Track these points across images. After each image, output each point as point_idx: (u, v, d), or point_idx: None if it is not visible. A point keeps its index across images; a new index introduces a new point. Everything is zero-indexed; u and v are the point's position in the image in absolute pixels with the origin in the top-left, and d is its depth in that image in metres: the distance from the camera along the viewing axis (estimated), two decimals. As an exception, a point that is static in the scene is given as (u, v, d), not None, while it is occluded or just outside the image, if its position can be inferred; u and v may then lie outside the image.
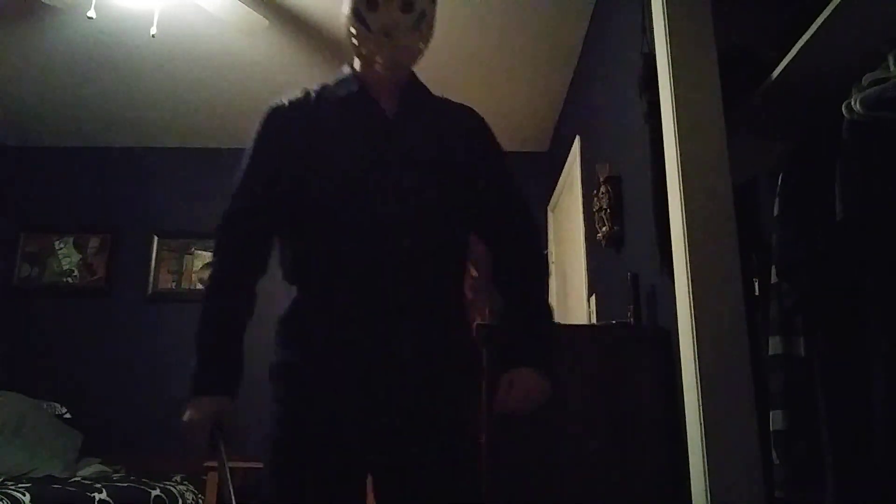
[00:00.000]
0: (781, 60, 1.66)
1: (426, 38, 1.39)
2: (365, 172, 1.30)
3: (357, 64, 1.41)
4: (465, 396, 1.35)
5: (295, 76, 3.64)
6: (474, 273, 1.71)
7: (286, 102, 1.41)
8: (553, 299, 3.96)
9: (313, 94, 1.41)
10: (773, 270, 1.56)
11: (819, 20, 1.51)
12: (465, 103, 1.54)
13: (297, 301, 1.33)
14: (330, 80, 1.44)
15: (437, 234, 1.33)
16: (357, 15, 1.32)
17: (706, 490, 1.56)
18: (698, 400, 1.61)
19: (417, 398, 1.25)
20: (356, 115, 1.37)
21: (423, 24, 1.35)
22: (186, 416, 1.24)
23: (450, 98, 1.53)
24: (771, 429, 1.52)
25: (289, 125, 1.38)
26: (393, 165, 1.32)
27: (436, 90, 1.51)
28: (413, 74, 1.46)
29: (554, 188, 3.96)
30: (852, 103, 1.39)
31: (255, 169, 1.39)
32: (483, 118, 1.51)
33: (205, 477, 3.32)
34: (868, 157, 1.36)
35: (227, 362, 1.30)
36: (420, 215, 1.31)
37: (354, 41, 1.36)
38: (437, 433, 1.26)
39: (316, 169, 1.32)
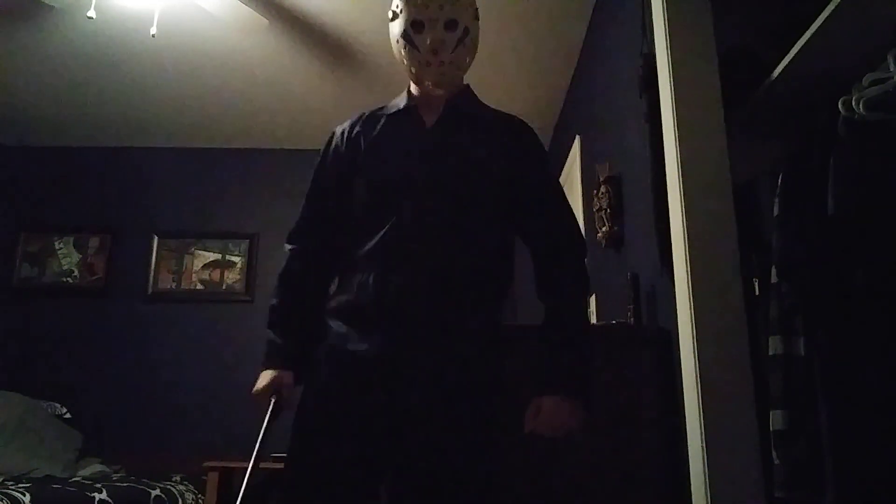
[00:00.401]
0: (781, 60, 1.66)
1: (472, 52, 1.51)
2: (398, 178, 1.42)
3: (412, 85, 1.54)
4: (483, 412, 1.36)
5: (295, 76, 3.64)
6: None
7: (341, 127, 1.59)
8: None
9: (366, 113, 1.57)
10: (773, 270, 1.56)
11: (819, 20, 1.51)
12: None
13: (332, 300, 1.45)
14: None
15: (467, 237, 1.40)
16: (406, 37, 1.43)
17: (706, 490, 1.56)
18: (698, 400, 1.61)
19: (438, 406, 1.30)
20: (398, 126, 1.50)
21: (467, 40, 1.46)
22: (255, 386, 1.40)
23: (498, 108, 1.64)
24: (771, 429, 1.52)
25: (340, 144, 1.54)
26: (424, 170, 1.42)
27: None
28: (465, 87, 1.60)
29: (554, 188, 3.95)
30: (853, 104, 1.39)
31: (316, 185, 1.56)
32: (529, 128, 1.59)
33: (205, 477, 3.32)
34: (862, 154, 1.36)
35: (291, 343, 1.44)
36: (449, 218, 1.39)
37: (405, 61, 1.47)
38: (454, 442, 1.30)
39: (359, 177, 1.46)
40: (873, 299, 1.33)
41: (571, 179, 3.45)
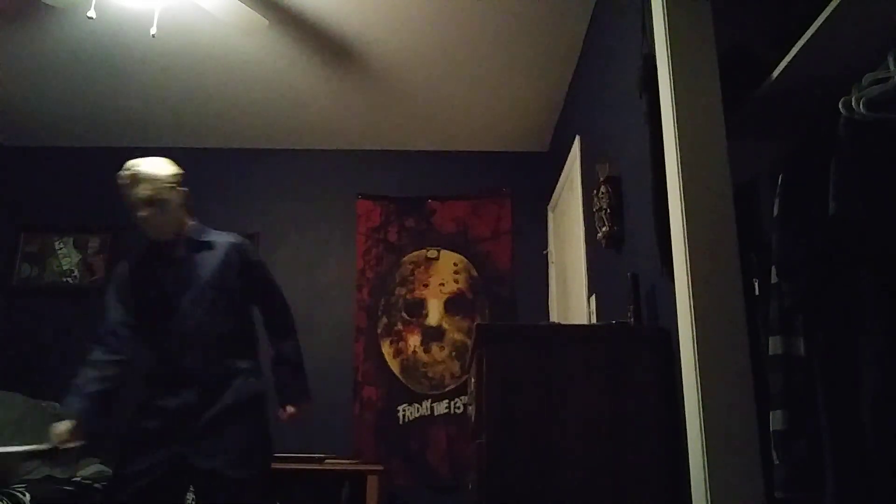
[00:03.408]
0: (781, 60, 1.66)
1: (175, 210, 2.38)
2: (169, 295, 2.31)
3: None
4: (254, 418, 2.31)
5: (295, 76, 3.64)
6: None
7: (125, 265, 2.47)
8: (553, 299, 3.96)
9: (137, 254, 2.46)
10: (773, 270, 1.56)
11: (819, 20, 1.51)
12: (464, 107, 1.62)
13: (147, 367, 2.35)
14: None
15: (212, 321, 2.31)
16: (132, 212, 2.31)
17: (706, 490, 1.56)
18: (698, 400, 1.61)
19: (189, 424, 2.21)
20: (161, 260, 2.38)
21: (167, 208, 2.34)
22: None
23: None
24: (771, 429, 1.52)
25: (121, 277, 2.44)
26: (181, 286, 2.32)
27: (437, 91, 1.54)
28: (185, 228, 2.42)
29: (554, 188, 3.96)
30: (853, 104, 1.39)
31: (113, 300, 2.44)
32: (242, 240, 2.52)
33: (205, 477, 3.31)
34: (864, 154, 1.36)
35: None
36: (207, 312, 2.31)
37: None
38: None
39: (142, 295, 2.36)
40: (873, 299, 1.33)
41: (571, 179, 3.45)
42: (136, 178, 2.30)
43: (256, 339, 2.45)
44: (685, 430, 1.69)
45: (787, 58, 1.64)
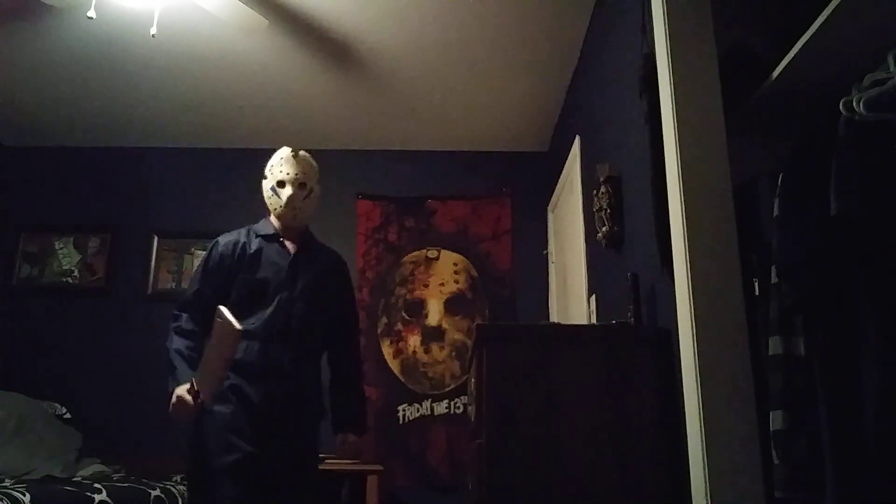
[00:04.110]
0: (781, 60, 1.66)
1: (313, 205, 2.43)
2: (276, 286, 2.28)
3: (273, 218, 2.41)
4: (311, 423, 2.35)
5: (295, 76, 3.64)
6: None
7: (224, 239, 2.38)
8: (553, 299, 3.96)
9: (243, 234, 2.39)
10: (773, 270, 1.56)
11: (819, 20, 1.51)
12: (464, 107, 1.70)
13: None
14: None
15: (309, 325, 2.30)
16: (273, 189, 2.36)
17: (706, 490, 1.56)
18: (698, 400, 1.61)
19: (279, 421, 2.22)
20: (272, 249, 2.35)
21: (311, 196, 2.40)
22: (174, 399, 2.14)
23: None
24: (771, 429, 1.52)
25: (227, 252, 2.34)
26: (293, 283, 2.31)
27: (437, 91, 1.56)
28: (307, 227, 2.47)
29: (554, 188, 3.96)
30: (854, 103, 1.39)
31: (206, 273, 2.34)
32: (342, 258, 2.55)
33: (205, 477, 3.31)
34: (864, 154, 1.36)
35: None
36: (305, 314, 2.29)
37: (271, 205, 2.38)
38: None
39: (245, 281, 2.28)
40: (874, 299, 1.33)
41: (571, 179, 3.45)
42: (299, 158, 2.36)
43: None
44: (685, 430, 1.69)
45: (787, 58, 1.64)
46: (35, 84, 3.76)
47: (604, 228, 2.52)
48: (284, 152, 2.37)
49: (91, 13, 2.65)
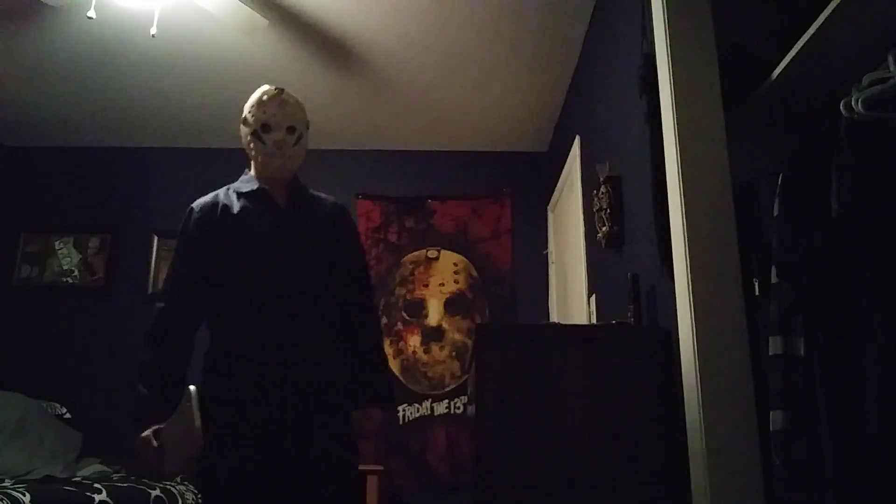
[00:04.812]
0: (781, 60, 1.66)
1: (302, 152, 2.02)
2: (266, 247, 1.87)
3: (253, 170, 2.03)
4: (338, 408, 1.88)
5: (295, 76, 3.64)
6: None
7: (200, 203, 1.97)
8: (553, 299, 3.96)
9: (221, 194, 1.99)
10: (773, 270, 1.56)
11: (819, 20, 1.51)
12: (464, 107, 1.76)
13: (216, 343, 1.87)
14: (236, 180, 2.04)
15: (316, 289, 1.90)
16: (255, 135, 1.96)
17: (706, 490, 1.56)
18: (698, 400, 1.61)
19: (299, 416, 1.79)
20: (257, 205, 1.94)
21: (301, 142, 2.00)
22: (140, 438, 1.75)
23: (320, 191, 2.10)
24: (771, 429, 1.52)
25: (204, 218, 1.93)
26: (286, 242, 1.89)
27: (437, 91, 1.57)
28: (296, 176, 2.05)
29: (554, 188, 3.96)
30: (853, 103, 1.39)
31: (184, 252, 1.93)
32: (344, 207, 2.12)
33: (205, 477, 3.32)
34: (865, 154, 1.36)
35: (165, 400, 1.77)
36: (305, 277, 1.88)
37: (253, 153, 1.99)
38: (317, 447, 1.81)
39: (230, 246, 1.87)
40: (873, 299, 1.33)
41: (571, 179, 3.45)
42: (284, 99, 1.96)
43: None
44: (685, 430, 1.69)
45: (787, 58, 1.64)
46: (35, 84, 3.76)
47: (604, 228, 2.52)
48: (268, 91, 1.97)
49: (91, 13, 2.65)
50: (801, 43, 1.58)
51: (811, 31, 1.53)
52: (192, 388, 1.66)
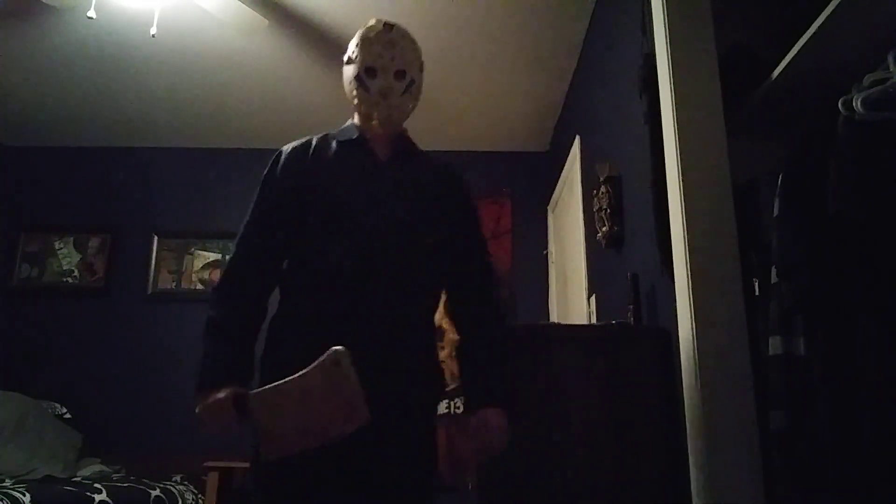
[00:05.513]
0: (781, 60, 1.66)
1: (415, 100, 1.68)
2: (359, 203, 1.55)
3: (356, 118, 1.69)
4: (424, 408, 1.56)
5: (295, 76, 3.64)
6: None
7: (291, 146, 1.68)
8: (553, 299, 3.96)
9: (316, 139, 1.68)
10: (773, 270, 1.56)
11: (819, 20, 1.51)
12: (464, 107, 1.70)
13: (287, 307, 1.55)
14: (335, 127, 1.71)
15: (414, 259, 1.55)
16: (359, 80, 1.62)
17: (706, 490, 1.56)
18: (698, 400, 1.61)
19: (382, 402, 1.38)
20: (355, 156, 1.63)
21: (412, 88, 1.65)
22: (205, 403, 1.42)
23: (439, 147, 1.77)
24: (771, 429, 1.52)
25: (293, 163, 1.63)
26: (382, 200, 1.57)
27: (438, 91, 1.57)
28: (404, 129, 1.71)
29: (554, 188, 3.96)
30: (853, 103, 1.39)
31: (264, 199, 1.62)
32: (460, 173, 1.74)
33: (204, 477, 3.32)
34: (864, 154, 1.36)
35: (242, 361, 1.49)
36: (400, 241, 1.54)
37: (356, 101, 1.64)
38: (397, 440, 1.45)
39: (318, 198, 1.56)
40: (873, 299, 1.33)
41: (571, 179, 3.45)
42: (393, 38, 1.68)
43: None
44: (685, 430, 1.69)
45: (787, 58, 1.64)
46: (35, 84, 3.76)
47: (604, 228, 2.52)
48: (374, 26, 1.71)
49: (91, 13, 2.65)
50: (801, 43, 1.58)
51: (811, 31, 1.53)
52: (340, 347, 1.30)
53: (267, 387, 1.33)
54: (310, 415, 1.31)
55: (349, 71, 1.67)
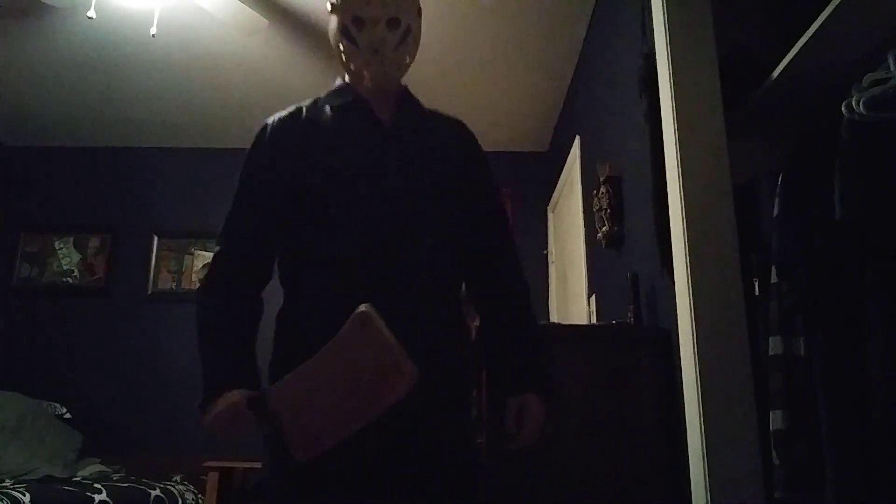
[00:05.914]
0: (781, 60, 1.66)
1: (412, 52, 1.43)
2: (363, 175, 1.34)
3: (347, 78, 1.47)
4: (459, 399, 1.35)
5: (295, 76, 3.64)
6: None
7: (278, 117, 1.46)
8: (553, 299, 3.96)
9: (305, 107, 1.46)
10: (773, 270, 1.56)
11: (819, 20, 1.51)
12: (463, 107, 1.62)
13: (292, 301, 1.36)
14: (322, 93, 1.49)
15: (430, 235, 1.34)
16: (345, 32, 1.37)
17: (706, 490, 1.56)
18: (698, 400, 1.61)
19: (416, 398, 1.16)
20: (353, 121, 1.40)
21: (408, 39, 1.39)
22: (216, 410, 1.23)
23: (441, 109, 1.57)
24: (771, 429, 1.52)
25: (282, 135, 1.41)
26: (390, 169, 1.35)
27: (437, 91, 1.55)
28: (405, 86, 1.50)
29: (554, 188, 3.96)
30: (853, 104, 1.39)
31: (250, 181, 1.43)
32: (471, 131, 1.54)
33: (204, 477, 3.32)
34: (867, 156, 1.36)
35: (245, 362, 1.31)
36: (414, 217, 1.33)
37: (343, 57, 1.40)
38: (432, 436, 1.27)
39: (314, 172, 1.34)
40: (874, 299, 1.33)
41: (571, 179, 3.45)
42: None
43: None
44: (685, 430, 1.69)
45: (787, 58, 1.64)
46: (35, 84, 3.76)
47: (604, 228, 2.52)
48: None
49: (91, 13, 2.65)
50: (801, 43, 1.58)
51: (811, 31, 1.53)
52: (362, 307, 1.12)
53: (285, 378, 1.15)
54: (346, 394, 1.11)
55: (333, 23, 1.41)
